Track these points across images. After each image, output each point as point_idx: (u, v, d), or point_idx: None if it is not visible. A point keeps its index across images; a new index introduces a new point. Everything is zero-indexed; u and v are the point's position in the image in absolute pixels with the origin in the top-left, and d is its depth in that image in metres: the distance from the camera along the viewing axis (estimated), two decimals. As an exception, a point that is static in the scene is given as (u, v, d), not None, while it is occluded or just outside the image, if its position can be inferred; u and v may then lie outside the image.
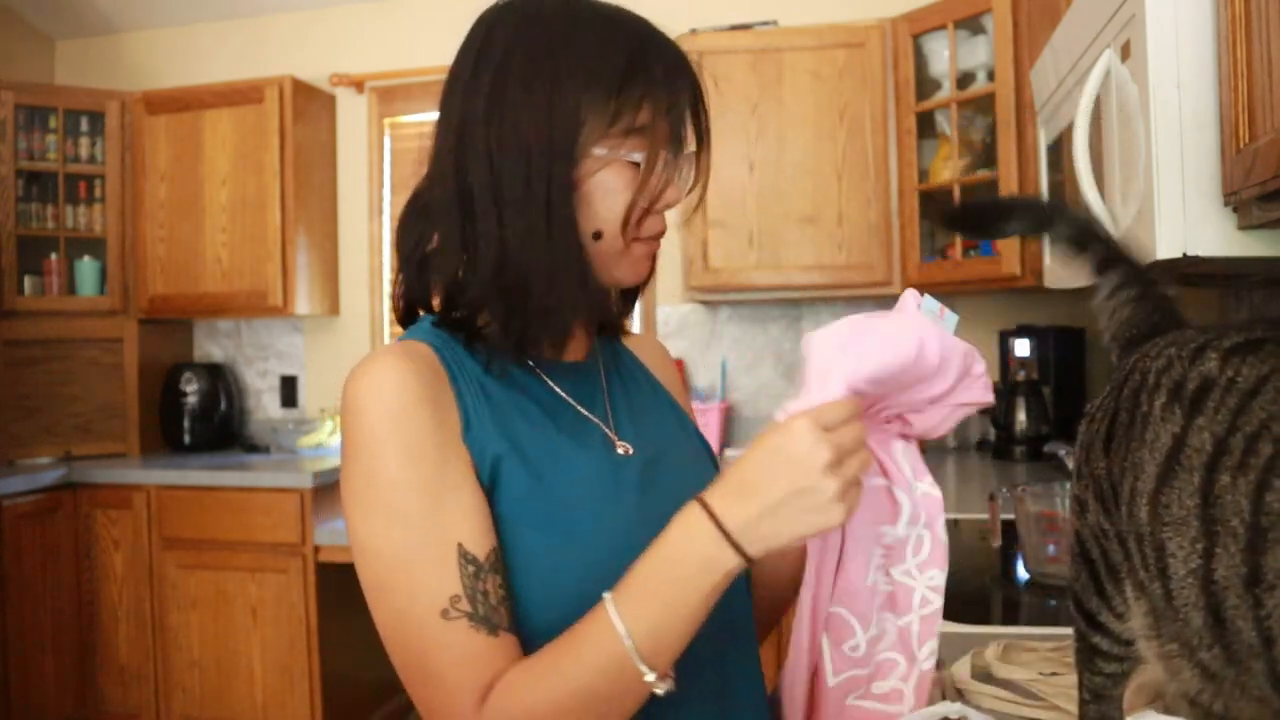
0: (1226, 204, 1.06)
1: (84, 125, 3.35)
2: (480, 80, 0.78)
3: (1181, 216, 1.08)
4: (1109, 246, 0.76)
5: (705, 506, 0.68)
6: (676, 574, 0.68)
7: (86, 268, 3.35)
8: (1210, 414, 0.56)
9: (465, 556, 0.72)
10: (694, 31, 2.92)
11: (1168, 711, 0.72)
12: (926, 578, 0.88)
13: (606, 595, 0.69)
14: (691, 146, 0.84)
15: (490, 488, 0.77)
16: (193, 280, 3.31)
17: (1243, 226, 1.05)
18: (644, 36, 0.79)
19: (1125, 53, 1.18)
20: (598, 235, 0.79)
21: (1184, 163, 1.07)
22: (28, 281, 3.28)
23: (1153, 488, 0.59)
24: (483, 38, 0.81)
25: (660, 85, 0.78)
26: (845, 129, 2.82)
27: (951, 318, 0.81)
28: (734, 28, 2.92)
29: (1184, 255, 1.08)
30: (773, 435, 0.68)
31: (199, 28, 3.66)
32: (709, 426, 3.02)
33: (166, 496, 2.99)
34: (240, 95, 3.23)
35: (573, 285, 0.78)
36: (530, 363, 0.85)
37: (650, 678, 0.67)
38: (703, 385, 3.21)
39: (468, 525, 0.74)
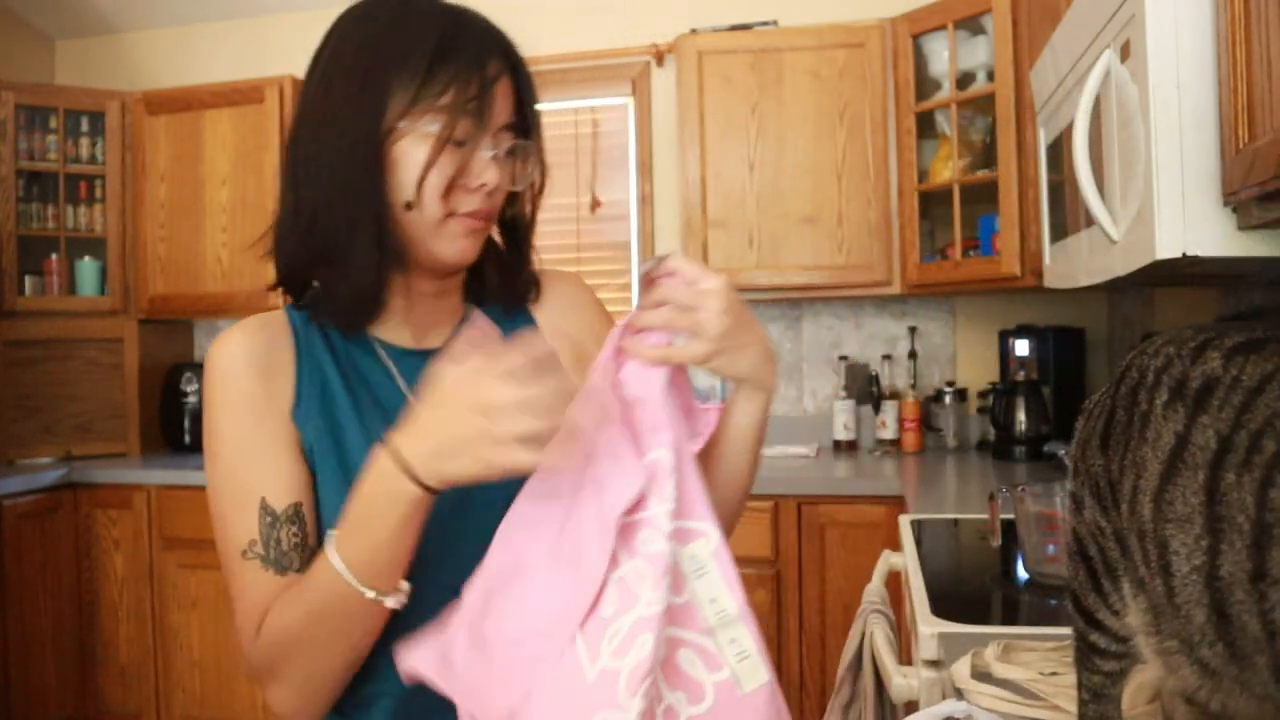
0: (1226, 204, 1.06)
1: (84, 125, 3.35)
2: (315, 70, 0.88)
3: (1181, 216, 1.08)
4: None
5: (389, 444, 0.75)
6: (372, 509, 0.76)
7: (87, 268, 3.36)
8: (1214, 412, 0.57)
9: (264, 508, 0.84)
10: (694, 31, 2.92)
11: (1164, 712, 0.72)
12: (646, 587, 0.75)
13: (329, 532, 0.79)
14: (503, 139, 0.88)
15: (311, 472, 0.87)
16: (193, 280, 3.31)
17: (1242, 226, 1.05)
18: (461, 23, 0.86)
19: (1125, 53, 1.18)
20: (409, 205, 0.84)
21: (1184, 163, 1.07)
22: (28, 281, 3.28)
23: (1156, 485, 0.59)
24: (327, 34, 0.89)
25: (466, 67, 0.83)
26: (845, 129, 2.83)
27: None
28: (734, 28, 2.92)
29: (1184, 255, 1.08)
30: (449, 373, 0.74)
31: (199, 28, 3.66)
32: (709, 426, 3.02)
33: (167, 496, 2.99)
34: (240, 95, 3.23)
35: (369, 247, 0.84)
36: (383, 351, 0.92)
37: (371, 594, 0.77)
38: (702, 385, 3.22)
39: (271, 482, 0.84)
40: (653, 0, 3.25)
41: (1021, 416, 2.74)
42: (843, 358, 3.11)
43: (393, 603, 0.78)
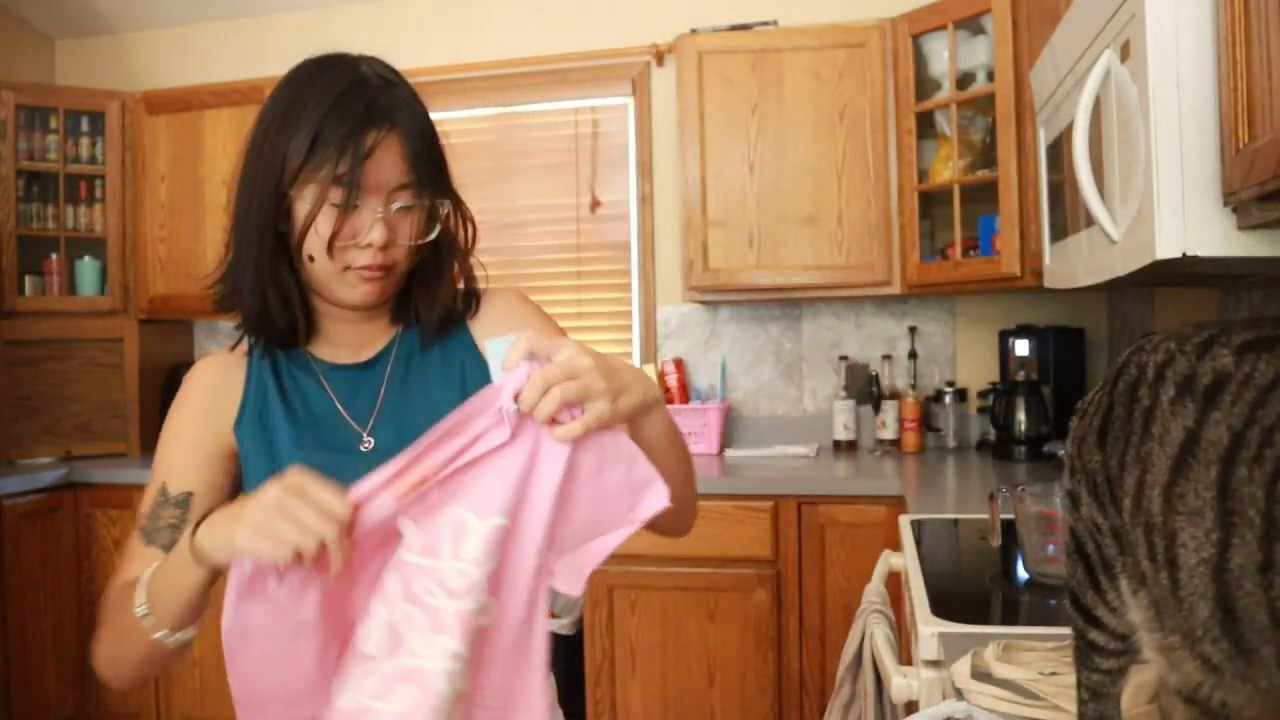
0: (1226, 204, 1.06)
1: (84, 125, 3.35)
2: (255, 123, 1.02)
3: (1181, 216, 1.08)
4: None
5: (200, 521, 0.87)
6: (174, 569, 0.90)
7: (87, 268, 3.35)
8: (1227, 408, 0.57)
9: (162, 490, 1.02)
10: (694, 31, 2.92)
11: (1162, 713, 0.72)
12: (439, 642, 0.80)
13: (144, 572, 0.93)
14: (397, 197, 0.98)
15: (238, 478, 1.05)
16: (193, 280, 3.31)
17: (1242, 226, 1.05)
18: (349, 97, 0.96)
19: (1125, 53, 1.18)
20: (310, 259, 0.99)
21: (1184, 163, 1.07)
22: (28, 281, 3.28)
23: (1165, 480, 0.59)
24: (274, 89, 1.03)
25: (341, 142, 0.94)
26: (845, 129, 2.83)
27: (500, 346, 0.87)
28: (734, 28, 2.92)
29: (1184, 255, 1.08)
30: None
31: (199, 28, 3.66)
32: (709, 426, 3.02)
33: (167, 496, 2.99)
34: (240, 95, 3.23)
35: (276, 288, 1.02)
36: (318, 368, 1.07)
37: (159, 634, 0.93)
38: (702, 385, 3.21)
39: (177, 471, 1.04)
40: (653, 0, 3.25)
41: (1021, 416, 2.74)
42: (843, 358, 3.11)
43: (171, 641, 0.94)
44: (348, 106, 0.96)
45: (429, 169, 1.00)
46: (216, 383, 1.07)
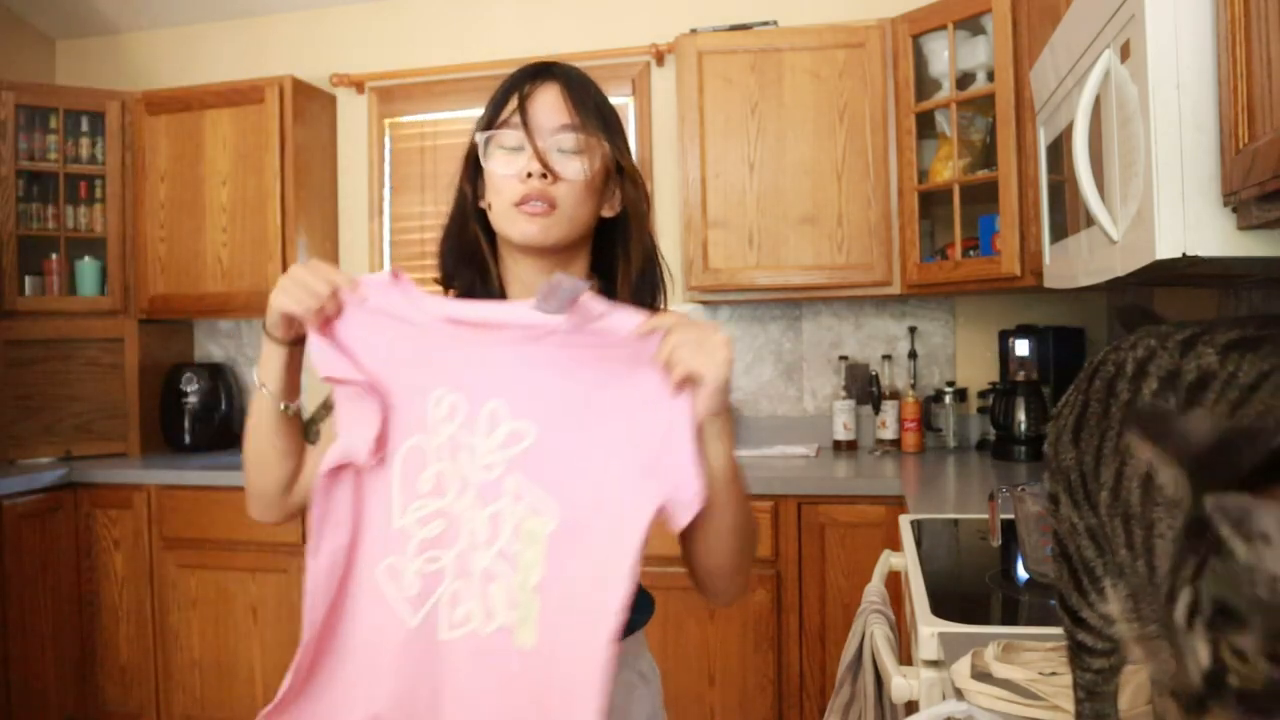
0: (1226, 204, 1.06)
1: (84, 125, 3.35)
2: None
3: (1181, 216, 1.08)
4: None
5: None
6: (264, 352, 1.08)
7: (87, 268, 3.35)
8: (1210, 405, 0.57)
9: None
10: (694, 31, 2.92)
11: (1155, 713, 0.72)
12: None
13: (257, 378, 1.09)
14: (560, 140, 1.08)
15: None
16: (193, 280, 3.31)
17: (1242, 227, 1.05)
18: (524, 68, 1.13)
19: (1125, 53, 1.18)
20: (489, 206, 1.11)
21: (1184, 163, 1.07)
22: (28, 281, 3.28)
23: (1145, 470, 0.60)
24: None
25: (505, 93, 1.10)
26: (845, 129, 2.83)
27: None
28: (734, 28, 2.92)
29: (1184, 255, 1.08)
30: None
31: (199, 28, 3.66)
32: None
33: (166, 496, 2.99)
34: (240, 95, 3.23)
35: (457, 240, 1.16)
36: None
37: (279, 405, 1.08)
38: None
39: None
40: (653, 0, 3.25)
41: (1021, 416, 2.74)
42: (843, 358, 3.11)
43: (291, 408, 1.09)
44: (518, 73, 1.12)
45: (591, 114, 1.09)
46: None
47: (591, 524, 0.95)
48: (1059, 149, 1.69)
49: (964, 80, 2.70)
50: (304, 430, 1.13)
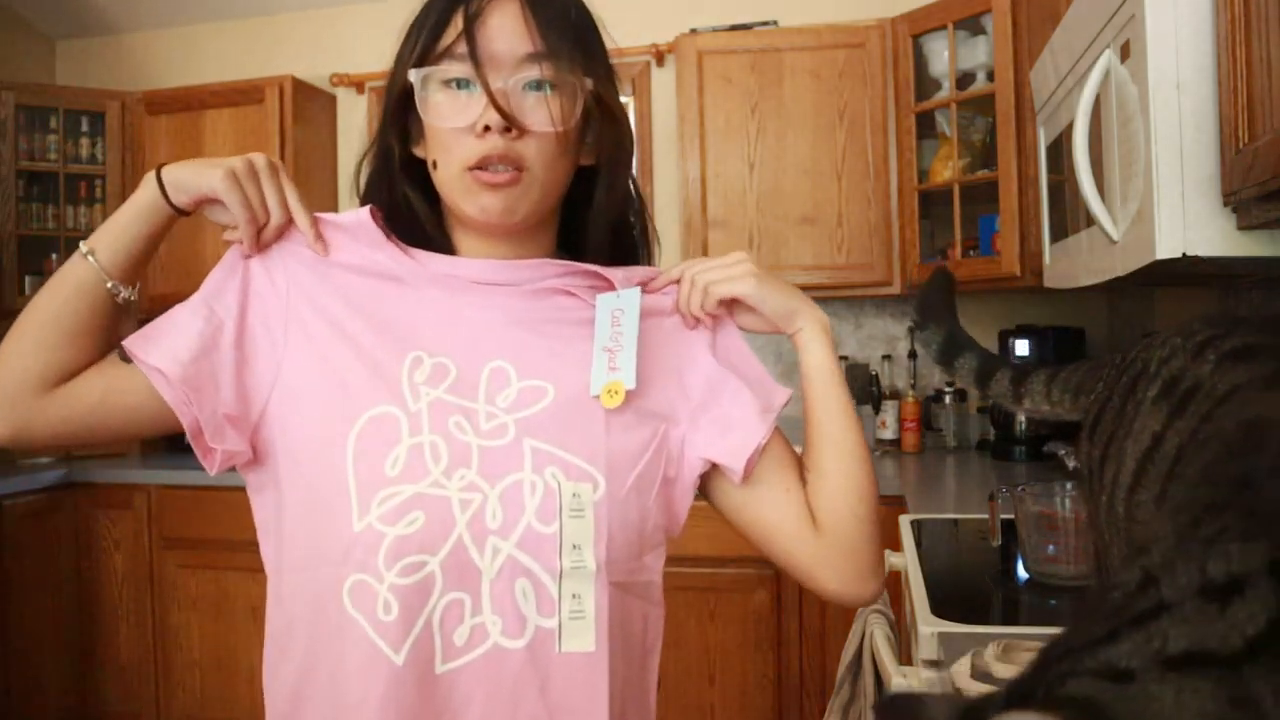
0: (1226, 204, 1.06)
1: (84, 125, 3.35)
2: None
3: (1181, 216, 1.08)
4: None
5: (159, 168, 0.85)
6: (130, 212, 0.84)
7: (87, 268, 3.35)
8: (1187, 419, 0.55)
9: None
10: (694, 31, 2.92)
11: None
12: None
13: (81, 244, 0.84)
14: (523, 72, 0.80)
15: None
16: (193, 280, 3.21)
17: (1242, 226, 1.05)
18: None
19: (1125, 53, 1.18)
20: (434, 165, 0.84)
21: (1184, 163, 1.07)
22: (28, 281, 3.28)
23: (1129, 484, 0.58)
24: None
25: (438, 15, 0.83)
26: (845, 129, 2.83)
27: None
28: (734, 28, 2.92)
29: (1184, 255, 1.08)
30: None
31: (199, 28, 3.65)
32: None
33: (166, 496, 2.99)
34: (240, 95, 3.23)
35: (411, 205, 0.89)
36: None
37: (110, 284, 0.82)
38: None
39: None
40: (653, 0, 3.25)
41: (1021, 416, 2.74)
42: (843, 358, 3.11)
43: (122, 295, 0.83)
44: None
45: (565, 35, 0.80)
46: None
47: (633, 488, 0.80)
48: (1059, 149, 1.69)
49: (964, 80, 2.70)
50: (118, 331, 0.84)
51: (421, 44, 0.82)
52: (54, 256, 3.31)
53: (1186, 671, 0.34)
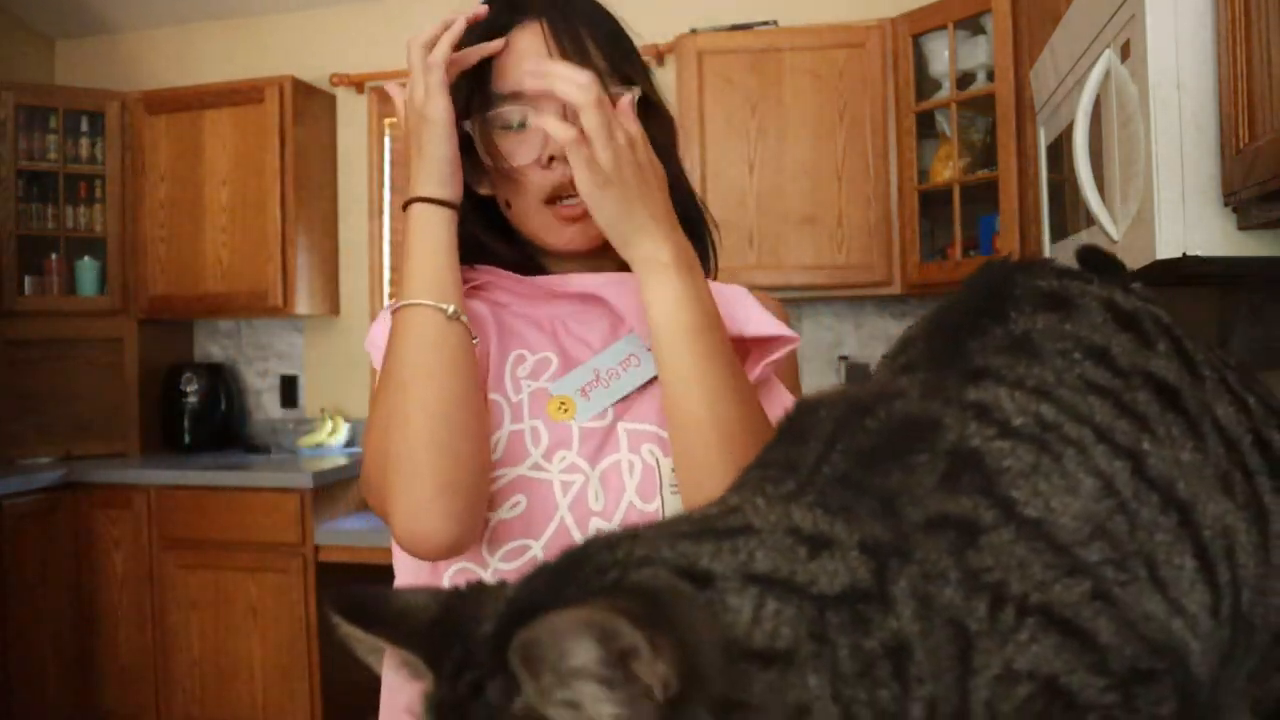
0: (1226, 204, 1.06)
1: (84, 125, 3.35)
2: None
3: (1181, 216, 1.08)
4: None
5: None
6: (431, 251, 0.78)
7: (86, 268, 3.35)
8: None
9: None
10: (694, 31, 2.92)
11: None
12: None
13: (389, 303, 0.80)
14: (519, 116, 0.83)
15: None
16: (193, 280, 3.31)
17: (1243, 227, 1.05)
18: (485, 22, 0.86)
19: (1125, 53, 1.18)
20: (507, 204, 0.85)
21: (1184, 163, 1.07)
22: (28, 281, 3.28)
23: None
24: None
25: (469, 70, 0.84)
26: (845, 129, 2.83)
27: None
28: (734, 28, 2.92)
29: (1184, 255, 1.08)
30: None
31: (199, 28, 3.65)
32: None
33: (166, 496, 2.99)
34: (240, 95, 3.23)
35: (501, 250, 0.88)
36: None
37: (450, 309, 0.75)
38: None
39: None
40: (653, 0, 3.25)
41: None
42: (843, 358, 3.11)
43: (454, 311, 0.75)
44: (490, 18, 0.84)
45: (600, 49, 0.85)
46: None
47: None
48: (1059, 149, 1.69)
49: (964, 80, 2.70)
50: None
51: (464, 92, 0.82)
52: (54, 256, 3.31)
53: (770, 589, 0.36)
